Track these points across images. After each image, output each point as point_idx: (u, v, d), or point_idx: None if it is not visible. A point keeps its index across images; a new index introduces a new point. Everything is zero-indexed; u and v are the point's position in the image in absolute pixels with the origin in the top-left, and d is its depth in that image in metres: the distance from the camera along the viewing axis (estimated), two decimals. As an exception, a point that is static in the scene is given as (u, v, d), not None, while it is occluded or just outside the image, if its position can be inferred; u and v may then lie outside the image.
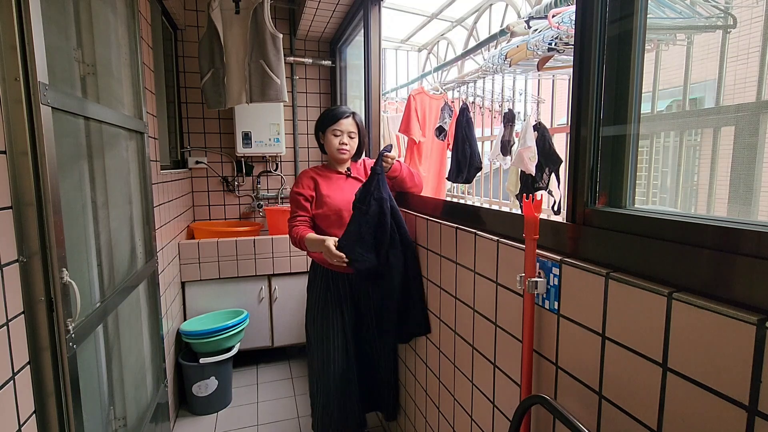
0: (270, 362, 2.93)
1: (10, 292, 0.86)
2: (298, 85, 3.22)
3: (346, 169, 1.88)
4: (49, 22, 1.00)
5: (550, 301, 0.94)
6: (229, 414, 2.37)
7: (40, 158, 0.92)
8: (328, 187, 1.82)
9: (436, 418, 1.59)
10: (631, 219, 0.78)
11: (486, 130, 2.69)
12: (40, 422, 0.95)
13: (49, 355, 0.96)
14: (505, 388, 1.13)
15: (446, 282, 1.44)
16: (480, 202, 2.68)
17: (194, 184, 3.08)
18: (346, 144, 1.80)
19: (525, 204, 0.96)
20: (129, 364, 1.56)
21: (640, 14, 0.82)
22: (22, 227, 0.91)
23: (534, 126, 1.99)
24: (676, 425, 0.66)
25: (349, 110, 1.82)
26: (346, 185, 1.85)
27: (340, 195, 1.80)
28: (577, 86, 0.89)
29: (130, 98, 1.68)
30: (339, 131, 1.78)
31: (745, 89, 1.27)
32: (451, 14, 2.99)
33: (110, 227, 1.42)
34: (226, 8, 2.24)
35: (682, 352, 0.65)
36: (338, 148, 1.79)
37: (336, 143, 1.79)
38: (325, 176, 1.85)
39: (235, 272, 2.68)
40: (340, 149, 1.79)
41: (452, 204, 1.49)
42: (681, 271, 0.68)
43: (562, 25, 1.53)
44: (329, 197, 1.79)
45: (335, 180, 1.85)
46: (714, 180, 1.23)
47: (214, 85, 2.31)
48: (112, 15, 1.54)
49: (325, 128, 1.80)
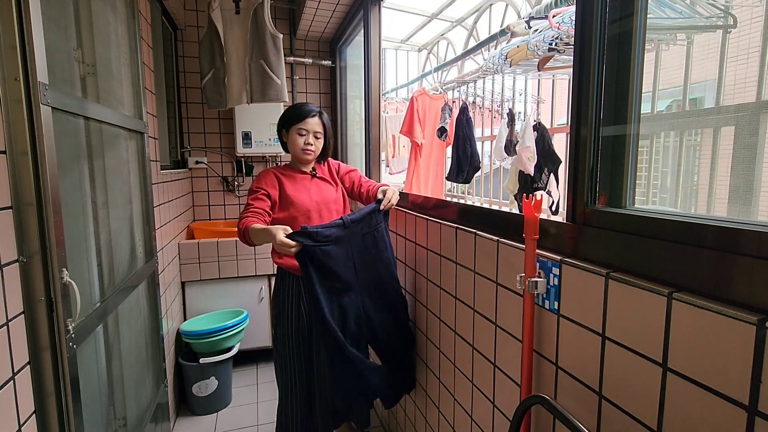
0: (270, 362, 2.92)
1: (10, 292, 0.86)
2: (298, 85, 3.22)
3: (311, 169, 1.78)
4: (49, 22, 1.00)
5: (550, 301, 0.94)
6: (229, 414, 2.37)
7: (40, 158, 0.92)
8: (294, 188, 1.70)
9: (436, 418, 1.59)
10: (631, 219, 0.78)
11: (486, 130, 2.70)
12: (40, 422, 0.95)
13: (49, 355, 0.96)
14: (505, 388, 1.13)
15: (446, 282, 1.44)
16: (480, 202, 2.68)
17: (194, 184, 3.08)
18: (311, 144, 1.69)
19: (525, 204, 0.96)
20: (129, 364, 1.56)
21: (640, 14, 0.82)
22: (22, 227, 0.91)
23: (534, 126, 1.99)
24: (676, 425, 0.66)
25: (316, 108, 1.71)
26: (312, 185, 1.75)
27: (306, 195, 1.71)
28: (577, 86, 0.89)
29: (130, 98, 1.68)
30: (304, 130, 1.67)
31: (745, 89, 1.27)
32: (451, 14, 2.99)
33: (110, 227, 1.42)
34: (226, 8, 2.24)
35: (682, 352, 0.65)
36: (303, 149, 1.68)
37: (301, 143, 1.67)
38: (290, 176, 1.73)
39: (235, 272, 2.68)
40: (305, 149, 1.68)
41: (452, 204, 1.49)
42: (681, 271, 0.68)
43: (562, 25, 1.53)
44: (296, 198, 1.68)
45: (300, 180, 1.74)
46: (714, 180, 1.23)
47: (215, 86, 2.31)
48: (112, 15, 1.54)
49: (289, 126, 1.69)
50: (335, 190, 1.80)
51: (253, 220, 1.56)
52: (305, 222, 1.66)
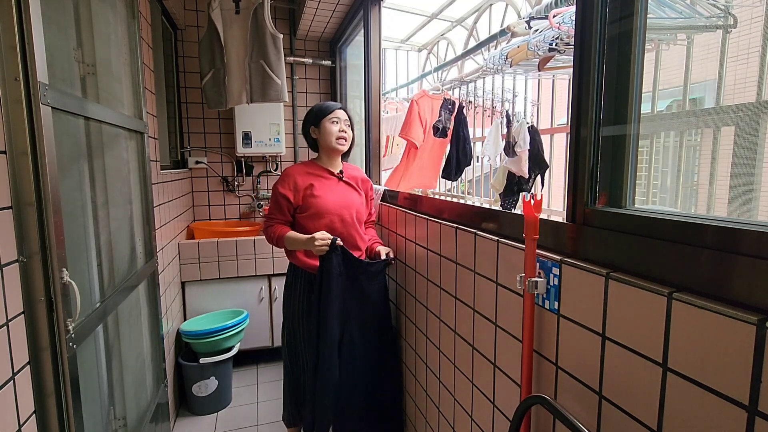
0: (270, 362, 2.93)
1: (10, 292, 0.86)
2: (298, 85, 3.22)
3: (339, 171, 1.83)
4: (49, 22, 1.00)
5: (550, 301, 0.93)
6: (229, 414, 2.37)
7: (40, 158, 0.92)
8: (322, 187, 1.75)
9: (436, 418, 1.59)
10: (631, 219, 0.78)
11: (486, 130, 2.69)
12: (40, 422, 0.95)
13: (49, 355, 0.96)
14: (505, 388, 1.13)
15: (446, 282, 1.44)
16: (480, 202, 2.68)
17: (194, 184, 3.08)
18: (345, 131, 1.77)
19: (525, 204, 0.96)
20: (129, 364, 1.56)
21: (640, 14, 0.82)
22: (22, 227, 0.91)
23: (528, 129, 1.99)
24: (676, 425, 0.66)
25: (339, 104, 1.82)
26: (339, 188, 1.79)
27: (332, 197, 1.75)
28: (577, 86, 0.89)
29: (130, 98, 1.68)
30: (336, 119, 1.76)
31: (745, 89, 1.27)
32: (451, 14, 2.99)
33: (110, 227, 1.42)
34: (226, 8, 2.24)
35: (682, 352, 0.65)
36: (338, 136, 1.75)
37: (335, 130, 1.75)
38: (318, 176, 1.78)
39: (235, 272, 2.68)
40: (339, 137, 1.75)
41: (452, 204, 1.49)
42: (681, 271, 0.68)
43: (562, 25, 1.53)
44: (324, 198, 1.74)
45: (328, 180, 1.79)
46: (714, 180, 1.23)
47: (215, 86, 2.31)
48: (112, 15, 1.54)
49: (319, 120, 1.76)
50: (359, 196, 1.86)
51: (285, 228, 1.74)
52: (328, 222, 1.75)
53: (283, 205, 1.74)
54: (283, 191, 1.73)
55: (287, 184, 1.74)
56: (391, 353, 1.87)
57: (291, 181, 1.74)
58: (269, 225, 1.76)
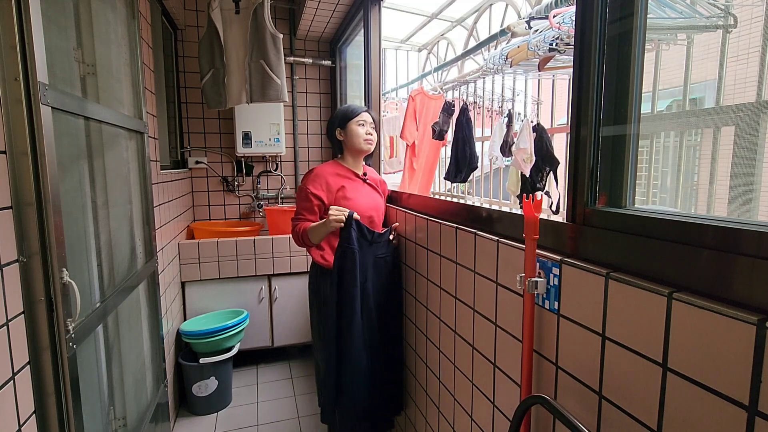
0: (270, 362, 2.93)
1: (10, 292, 0.86)
2: (298, 85, 3.22)
3: (363, 173, 1.87)
4: (49, 22, 1.00)
5: (550, 301, 0.94)
6: (229, 414, 2.37)
7: (40, 158, 0.92)
8: (352, 189, 1.79)
9: (436, 418, 1.59)
10: (631, 219, 0.78)
11: (486, 130, 2.69)
12: (40, 422, 0.95)
13: (49, 355, 0.96)
14: (505, 388, 1.13)
15: (446, 282, 1.44)
16: (480, 202, 2.68)
17: (194, 184, 3.08)
18: (371, 134, 1.81)
19: (525, 204, 0.96)
20: (129, 364, 1.56)
21: (640, 14, 0.82)
22: (22, 227, 0.91)
23: (533, 127, 1.99)
24: (676, 425, 0.66)
25: (365, 107, 1.86)
26: (364, 189, 1.83)
27: (363, 200, 1.79)
28: (577, 86, 0.89)
29: (130, 98, 1.68)
30: (363, 121, 1.79)
31: (745, 89, 1.27)
32: (451, 14, 2.99)
33: (110, 227, 1.42)
34: (226, 8, 2.24)
35: (682, 352, 0.65)
36: (365, 138, 1.79)
37: (362, 132, 1.78)
38: (347, 177, 1.81)
39: (235, 272, 2.68)
40: (367, 139, 1.79)
41: (452, 204, 1.49)
42: (681, 271, 0.68)
43: (563, 25, 1.53)
44: (355, 199, 1.76)
45: (354, 182, 1.82)
46: (714, 180, 1.23)
47: (215, 85, 2.31)
48: (112, 15, 1.54)
49: (346, 122, 1.79)
50: (380, 197, 1.91)
51: (307, 223, 1.73)
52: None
53: (315, 205, 1.74)
54: (316, 192, 1.73)
55: (319, 185, 1.75)
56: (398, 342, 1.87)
57: (323, 182, 1.75)
58: (296, 224, 1.76)
